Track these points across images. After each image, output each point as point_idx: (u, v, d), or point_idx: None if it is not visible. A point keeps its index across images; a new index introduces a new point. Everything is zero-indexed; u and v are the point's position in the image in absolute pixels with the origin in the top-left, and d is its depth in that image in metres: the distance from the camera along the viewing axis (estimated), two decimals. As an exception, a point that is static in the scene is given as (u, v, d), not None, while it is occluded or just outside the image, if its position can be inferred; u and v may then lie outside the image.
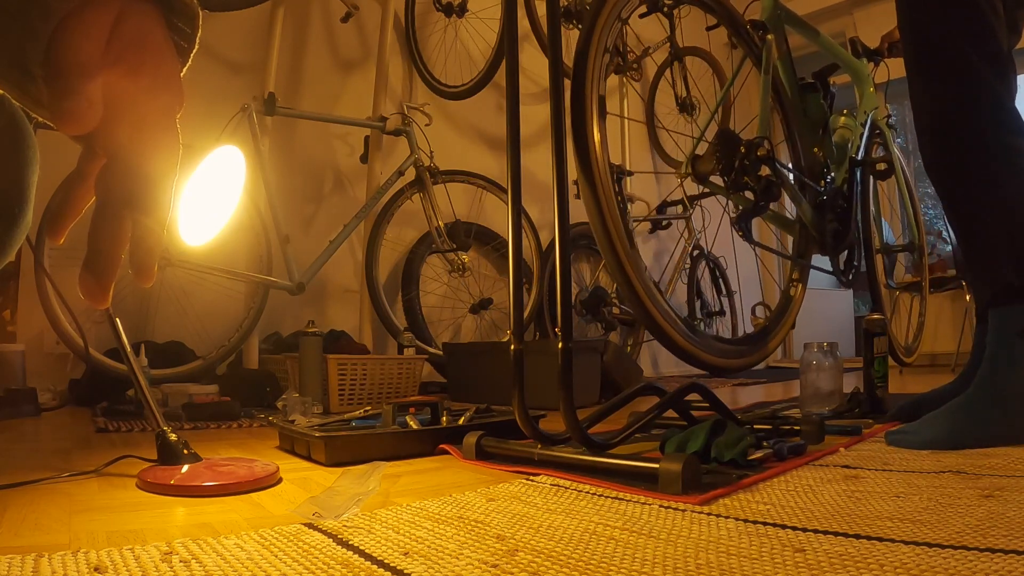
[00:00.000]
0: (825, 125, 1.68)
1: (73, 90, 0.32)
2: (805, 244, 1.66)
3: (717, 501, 0.77)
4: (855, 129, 1.86)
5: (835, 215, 1.65)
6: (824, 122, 1.68)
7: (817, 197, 1.61)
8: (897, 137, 2.56)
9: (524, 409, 1.01)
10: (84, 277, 0.35)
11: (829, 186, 1.65)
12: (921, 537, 0.59)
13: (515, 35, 1.14)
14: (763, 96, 1.53)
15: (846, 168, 1.72)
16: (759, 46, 1.59)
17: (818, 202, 1.61)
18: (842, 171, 1.71)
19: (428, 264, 2.79)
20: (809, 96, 1.69)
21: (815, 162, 1.66)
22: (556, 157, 0.97)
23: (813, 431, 1.16)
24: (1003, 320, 1.11)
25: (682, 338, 1.16)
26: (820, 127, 1.68)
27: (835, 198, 1.65)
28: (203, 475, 0.90)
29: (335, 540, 0.63)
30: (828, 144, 1.68)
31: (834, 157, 1.70)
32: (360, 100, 2.77)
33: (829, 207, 1.63)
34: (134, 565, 0.55)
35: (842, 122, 1.88)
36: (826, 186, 1.64)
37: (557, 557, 0.57)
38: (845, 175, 1.71)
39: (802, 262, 1.65)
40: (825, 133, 1.68)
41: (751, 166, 1.30)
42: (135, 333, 2.12)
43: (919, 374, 3.43)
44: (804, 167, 1.65)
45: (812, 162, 1.65)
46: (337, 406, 1.88)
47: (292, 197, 2.59)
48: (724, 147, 1.32)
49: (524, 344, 1.04)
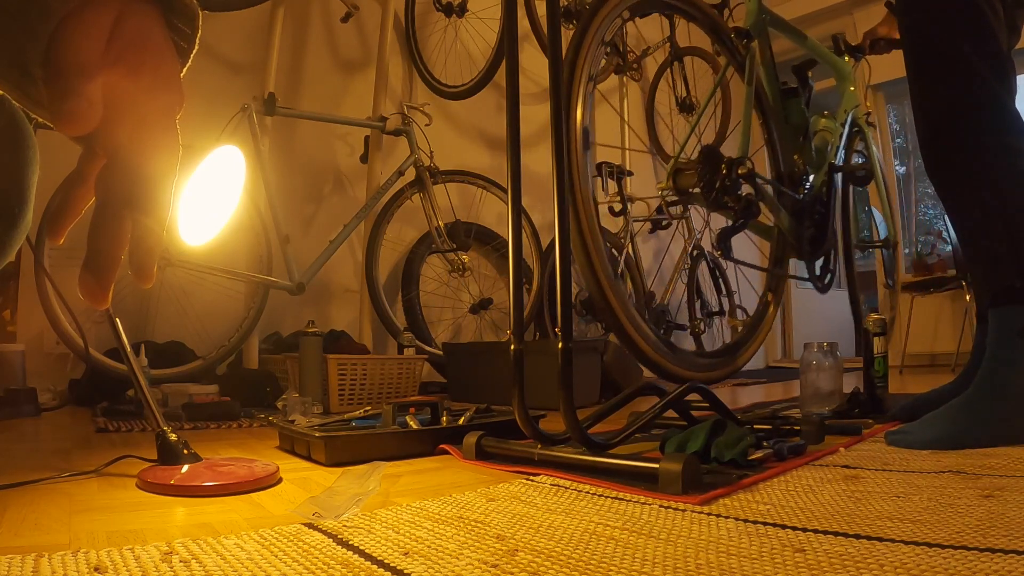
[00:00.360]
0: (806, 131, 1.67)
1: (73, 90, 0.32)
2: (782, 251, 1.64)
3: (717, 501, 0.77)
4: (835, 131, 1.85)
5: (813, 221, 1.64)
6: (805, 128, 1.66)
7: (796, 204, 1.60)
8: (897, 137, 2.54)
9: (524, 409, 1.01)
10: (84, 277, 0.35)
11: (808, 192, 1.64)
12: (921, 537, 0.59)
13: (515, 35, 1.14)
14: (746, 107, 1.50)
15: (825, 172, 1.70)
16: (743, 54, 1.56)
17: (796, 209, 1.60)
18: (821, 176, 1.69)
19: (428, 264, 2.79)
20: (791, 102, 1.67)
21: (795, 169, 1.64)
22: (556, 157, 0.97)
23: (813, 431, 1.16)
24: (1003, 320, 1.11)
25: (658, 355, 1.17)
26: (801, 133, 1.66)
27: (813, 204, 1.64)
28: (203, 475, 0.90)
29: (335, 540, 0.63)
30: (808, 150, 1.67)
31: (813, 162, 1.69)
32: (360, 100, 2.77)
33: (807, 213, 1.62)
34: (134, 565, 0.55)
35: (822, 124, 1.86)
36: (805, 192, 1.63)
37: (557, 557, 0.57)
38: (824, 179, 1.69)
39: (779, 272, 1.63)
40: (806, 139, 1.67)
41: (732, 185, 1.30)
42: (135, 333, 2.13)
43: (919, 374, 3.44)
44: (784, 174, 1.63)
45: (792, 169, 1.64)
46: (337, 406, 1.88)
47: (292, 197, 2.59)
48: (706, 165, 1.31)
49: (524, 344, 1.04)
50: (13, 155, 0.53)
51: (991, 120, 1.13)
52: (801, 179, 1.63)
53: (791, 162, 1.63)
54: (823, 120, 1.86)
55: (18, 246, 0.56)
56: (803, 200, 1.60)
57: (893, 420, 1.36)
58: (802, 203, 1.60)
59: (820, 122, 1.85)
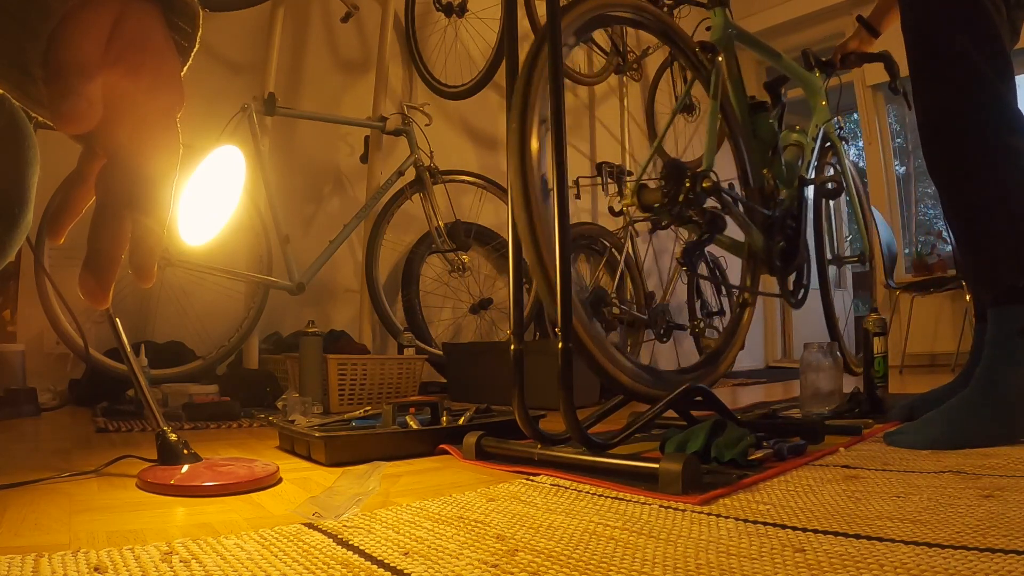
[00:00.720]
0: (775, 146, 1.64)
1: (73, 90, 0.32)
2: (753, 266, 1.60)
3: (717, 501, 0.77)
4: (806, 145, 1.82)
5: (784, 237, 1.60)
6: (775, 143, 1.64)
7: (766, 219, 1.56)
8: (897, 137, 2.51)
9: (524, 409, 1.01)
10: (84, 277, 0.35)
11: (779, 207, 1.61)
12: (921, 537, 0.59)
13: (515, 35, 1.14)
14: (710, 121, 1.46)
15: (796, 186, 1.67)
16: (708, 69, 1.53)
17: (767, 224, 1.56)
18: (792, 191, 1.67)
19: (428, 264, 2.79)
20: (759, 116, 1.64)
21: (765, 184, 1.61)
22: (556, 157, 0.97)
23: (813, 431, 1.16)
24: (1004, 319, 1.11)
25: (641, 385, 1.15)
26: (770, 148, 1.63)
27: (784, 219, 1.60)
28: (203, 475, 0.90)
29: (335, 540, 0.63)
30: (778, 165, 1.64)
31: (784, 177, 1.66)
32: (360, 100, 2.77)
33: (778, 229, 1.58)
34: (134, 565, 0.55)
35: (793, 139, 1.83)
36: (775, 208, 1.60)
37: (557, 557, 0.57)
38: (795, 194, 1.66)
39: (748, 289, 1.59)
40: (775, 154, 1.64)
41: (696, 199, 1.28)
42: (135, 333, 2.12)
43: (919, 374, 3.44)
44: (754, 189, 1.60)
45: (762, 184, 1.61)
46: (337, 406, 1.88)
47: (292, 197, 2.59)
48: (669, 179, 1.29)
49: (524, 344, 1.04)
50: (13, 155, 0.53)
51: (993, 120, 1.13)
52: (772, 194, 1.61)
53: (761, 177, 1.60)
54: (794, 135, 1.84)
55: (18, 246, 0.56)
56: (773, 215, 1.57)
57: (893, 420, 1.36)
58: (772, 218, 1.57)
59: (791, 136, 1.83)
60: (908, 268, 4.17)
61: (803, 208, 1.66)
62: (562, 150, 0.97)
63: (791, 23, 4.47)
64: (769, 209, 1.57)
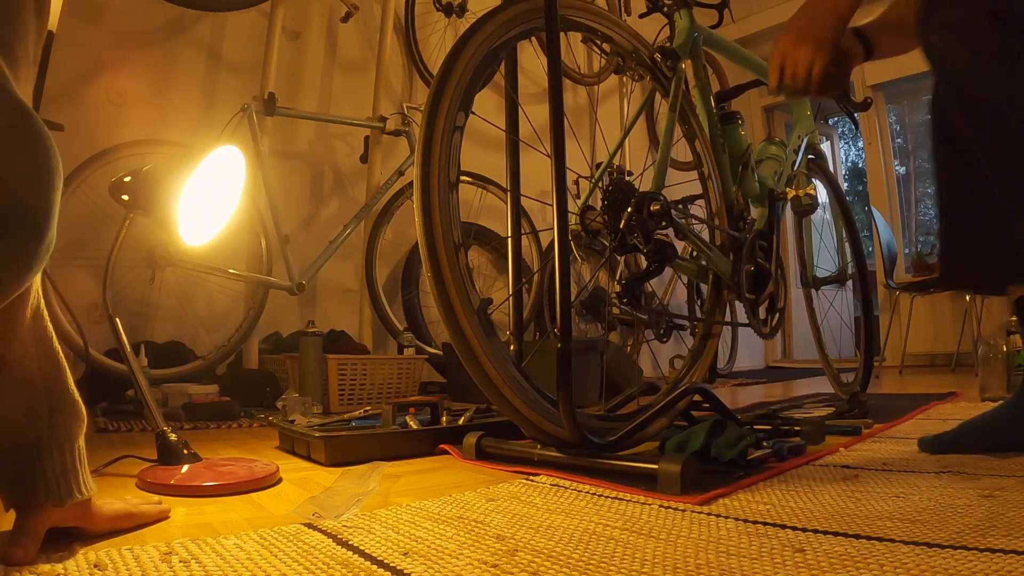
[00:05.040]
0: (747, 161, 1.45)
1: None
2: (718, 293, 1.40)
3: (717, 501, 0.77)
4: (785, 159, 1.61)
5: (753, 261, 1.39)
6: (746, 157, 1.46)
7: (734, 241, 1.37)
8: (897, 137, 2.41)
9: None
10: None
11: (748, 228, 1.42)
12: (921, 537, 0.59)
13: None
14: (665, 135, 1.24)
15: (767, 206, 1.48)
16: (668, 76, 1.34)
17: (735, 246, 1.37)
18: (764, 209, 1.48)
19: (428, 264, 2.78)
20: (729, 128, 1.46)
21: (734, 202, 1.41)
22: (555, 157, 0.97)
23: (813, 431, 1.16)
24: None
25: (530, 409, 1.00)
26: (741, 163, 1.45)
27: (755, 241, 1.40)
28: (203, 475, 0.90)
29: (335, 540, 0.63)
30: (750, 180, 1.45)
31: (755, 194, 1.47)
32: (360, 100, 2.77)
33: (748, 252, 1.38)
34: (134, 565, 0.55)
35: (771, 151, 1.63)
36: (745, 228, 1.41)
37: (557, 557, 0.57)
38: (766, 214, 1.47)
39: (710, 320, 1.39)
40: (746, 169, 1.45)
41: (640, 225, 1.07)
42: (135, 333, 2.12)
43: (919, 374, 3.44)
44: (721, 209, 1.41)
45: (730, 202, 1.41)
46: (337, 406, 1.88)
47: (292, 197, 2.59)
48: (611, 202, 1.09)
49: (524, 344, 1.04)
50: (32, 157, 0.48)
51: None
52: (741, 213, 1.42)
53: (729, 194, 1.41)
54: (772, 147, 1.65)
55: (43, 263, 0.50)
56: (742, 237, 1.38)
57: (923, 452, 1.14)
58: (741, 240, 1.38)
59: (770, 149, 1.65)
60: (908, 268, 4.17)
61: (777, 228, 1.48)
62: (562, 150, 0.97)
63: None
64: (738, 231, 1.40)
